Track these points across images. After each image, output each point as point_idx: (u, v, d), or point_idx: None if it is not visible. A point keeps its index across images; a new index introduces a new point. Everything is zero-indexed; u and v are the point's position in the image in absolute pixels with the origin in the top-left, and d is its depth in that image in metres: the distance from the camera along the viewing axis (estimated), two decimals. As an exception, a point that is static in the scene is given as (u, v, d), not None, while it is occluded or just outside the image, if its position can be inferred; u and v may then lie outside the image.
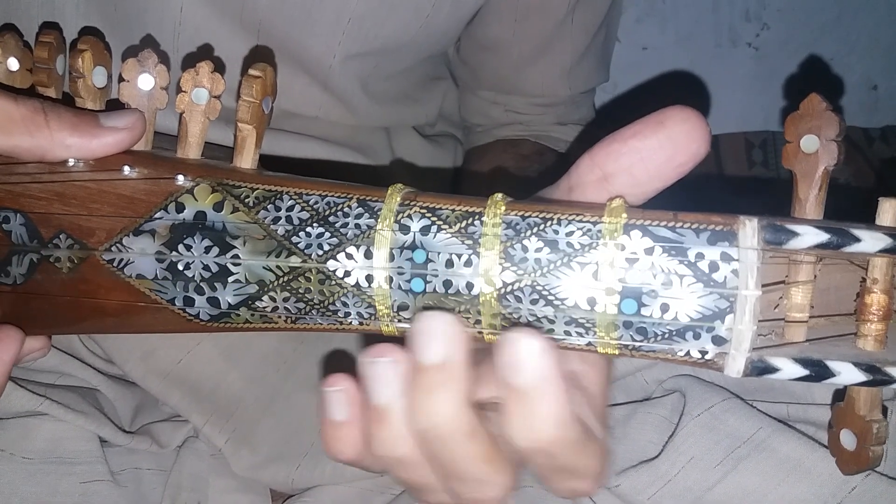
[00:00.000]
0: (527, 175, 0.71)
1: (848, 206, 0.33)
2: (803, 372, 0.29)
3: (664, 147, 0.31)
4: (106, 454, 0.55)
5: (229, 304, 0.34)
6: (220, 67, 0.36)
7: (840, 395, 0.32)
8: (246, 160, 0.36)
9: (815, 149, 0.31)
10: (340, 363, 0.59)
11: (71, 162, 0.35)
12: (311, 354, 0.61)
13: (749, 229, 0.29)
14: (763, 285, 0.29)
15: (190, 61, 0.37)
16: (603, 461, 0.33)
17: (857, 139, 1.10)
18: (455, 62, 0.77)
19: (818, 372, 0.29)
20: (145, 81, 0.36)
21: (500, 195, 0.32)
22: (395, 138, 0.71)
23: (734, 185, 1.13)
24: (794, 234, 0.28)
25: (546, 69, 0.73)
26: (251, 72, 0.35)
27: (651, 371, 0.51)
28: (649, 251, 0.29)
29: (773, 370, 0.29)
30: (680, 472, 0.45)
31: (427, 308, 0.32)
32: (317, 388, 0.59)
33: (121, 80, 0.36)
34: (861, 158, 1.06)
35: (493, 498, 0.32)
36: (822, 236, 0.28)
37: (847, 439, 0.32)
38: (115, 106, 0.37)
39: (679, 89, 1.20)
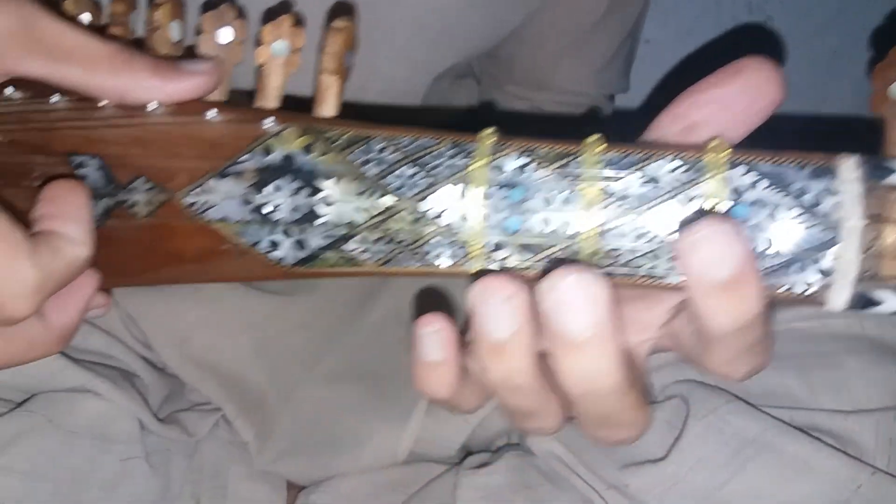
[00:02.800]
0: None
1: None
2: (909, 304, 0.29)
3: (744, 93, 0.32)
4: (142, 434, 0.55)
5: (317, 246, 0.34)
6: (299, 22, 0.36)
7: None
8: (328, 109, 0.35)
9: None
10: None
11: (151, 107, 0.35)
12: (334, 348, 0.62)
13: (850, 164, 0.29)
14: None
15: (270, 15, 0.37)
16: (647, 410, 0.33)
17: (862, 131, 1.12)
18: (482, 57, 0.77)
19: (921, 306, 0.29)
20: (225, 34, 0.36)
21: (595, 135, 0.32)
22: None
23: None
24: (893, 169, 0.29)
25: (579, 66, 0.74)
26: (336, 24, 0.35)
27: (653, 376, 0.51)
28: (753, 185, 0.29)
29: (877, 302, 0.29)
30: (688, 473, 0.46)
31: (535, 250, 0.31)
32: (337, 381, 0.60)
33: (199, 32, 0.36)
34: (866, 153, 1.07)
35: (629, 438, 0.32)
36: None
37: None
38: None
39: (681, 83, 1.21)
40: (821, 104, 1.21)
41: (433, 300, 0.59)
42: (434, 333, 0.32)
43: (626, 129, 0.36)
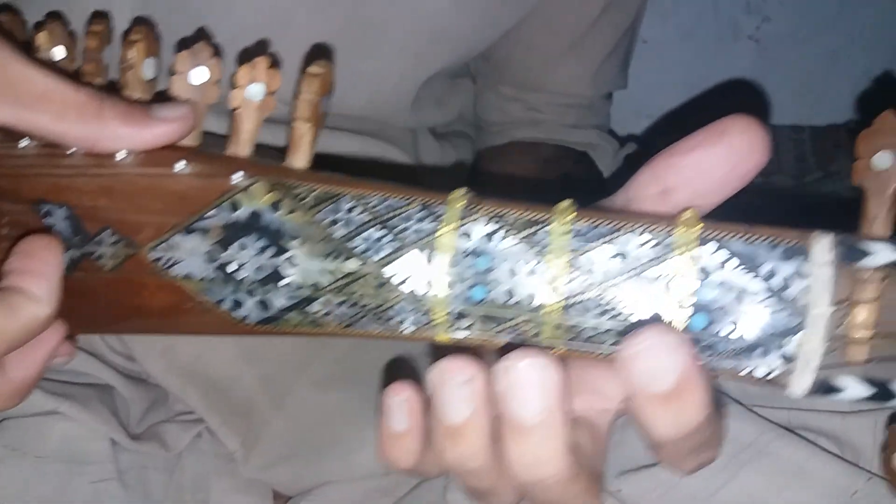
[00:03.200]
0: (549, 179, 0.71)
1: (849, 199, 0.33)
2: (868, 392, 0.29)
3: (726, 158, 0.31)
4: (115, 452, 0.55)
5: (280, 307, 0.33)
6: (276, 63, 0.35)
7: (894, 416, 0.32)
8: (301, 159, 0.35)
9: (887, 166, 0.31)
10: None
11: (120, 156, 0.34)
12: (326, 352, 0.61)
13: (823, 245, 0.28)
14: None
15: (247, 56, 0.36)
16: (597, 496, 0.33)
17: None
18: (476, 57, 0.76)
19: (882, 393, 0.29)
20: (198, 75, 0.35)
21: (567, 202, 0.31)
22: (418, 139, 0.71)
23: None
24: (867, 252, 0.28)
25: (574, 67, 0.72)
26: (312, 69, 0.34)
27: None
28: (722, 265, 0.29)
29: (838, 390, 0.29)
30: (682, 478, 0.45)
31: (501, 330, 0.31)
32: (327, 387, 0.60)
33: (173, 72, 0.35)
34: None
35: None
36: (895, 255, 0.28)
37: None
38: (162, 100, 0.36)
39: (680, 83, 1.20)
40: (819, 105, 1.20)
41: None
42: (401, 403, 0.32)
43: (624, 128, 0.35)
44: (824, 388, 0.29)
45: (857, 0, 1.18)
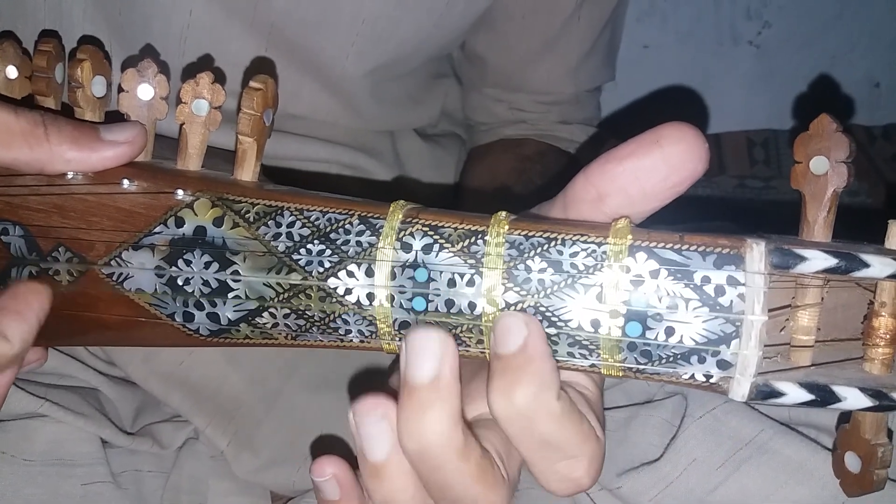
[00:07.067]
0: (528, 176, 0.71)
1: (848, 204, 0.33)
2: (809, 397, 0.29)
3: (660, 167, 0.30)
4: (107, 455, 0.54)
5: (229, 319, 0.34)
6: (220, 77, 0.35)
7: (845, 416, 0.32)
8: (247, 173, 0.35)
9: (824, 170, 0.30)
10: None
11: (70, 174, 0.35)
12: (313, 355, 0.61)
13: (756, 253, 0.28)
14: (769, 309, 0.28)
15: (191, 71, 0.36)
16: (598, 452, 0.33)
17: (859, 137, 1.10)
18: (459, 60, 0.76)
19: (824, 397, 0.29)
20: (145, 91, 0.36)
21: (503, 213, 0.31)
22: (398, 141, 0.71)
23: (736, 185, 1.13)
24: (802, 258, 0.28)
25: (552, 66, 0.72)
26: (252, 84, 0.34)
27: None
28: (654, 274, 0.29)
29: (779, 394, 0.29)
30: (682, 474, 0.45)
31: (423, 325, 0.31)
32: (318, 389, 0.60)
33: (120, 90, 0.36)
34: (863, 157, 1.06)
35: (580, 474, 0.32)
36: (831, 261, 0.28)
37: (851, 462, 0.31)
38: (114, 116, 0.36)
39: (680, 88, 1.20)
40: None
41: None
42: (327, 481, 0.34)
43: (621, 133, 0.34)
44: (765, 393, 0.29)
45: (856, 5, 1.17)
